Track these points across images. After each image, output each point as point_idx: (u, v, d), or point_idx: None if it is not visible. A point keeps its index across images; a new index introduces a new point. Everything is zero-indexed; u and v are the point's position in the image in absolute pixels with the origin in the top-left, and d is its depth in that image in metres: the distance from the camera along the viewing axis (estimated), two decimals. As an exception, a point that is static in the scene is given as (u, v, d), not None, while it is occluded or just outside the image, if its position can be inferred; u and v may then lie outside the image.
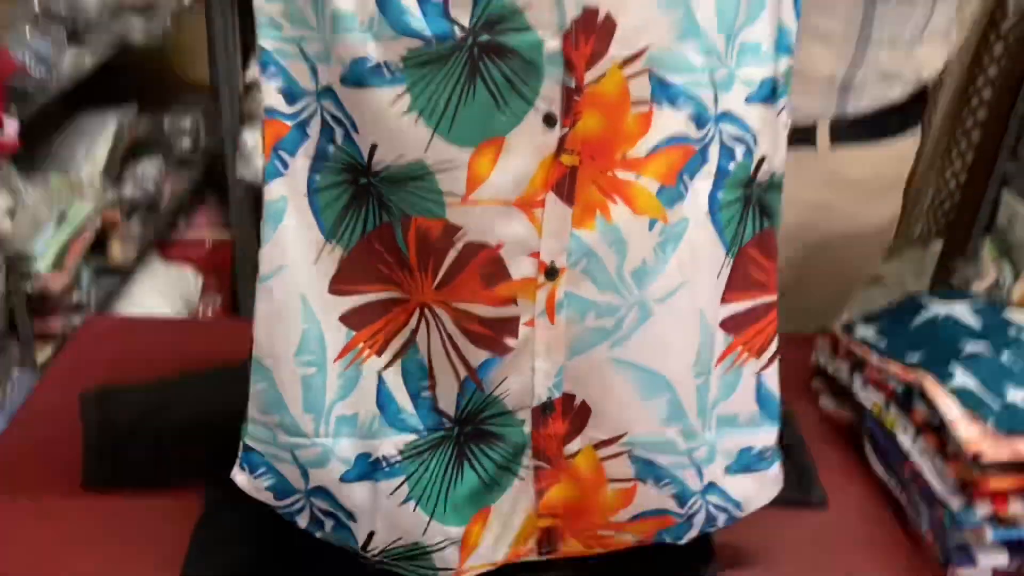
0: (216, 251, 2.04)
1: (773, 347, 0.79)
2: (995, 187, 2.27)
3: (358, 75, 0.68)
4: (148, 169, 1.63)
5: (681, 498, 0.78)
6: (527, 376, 0.76)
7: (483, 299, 0.74)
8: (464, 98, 0.69)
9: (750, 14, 0.73)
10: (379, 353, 0.76)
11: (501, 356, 0.75)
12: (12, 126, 1.11)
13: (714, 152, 0.75)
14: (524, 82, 0.69)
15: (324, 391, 0.77)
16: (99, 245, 1.54)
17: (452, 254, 0.72)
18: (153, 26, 1.54)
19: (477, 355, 0.74)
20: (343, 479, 0.78)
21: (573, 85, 0.69)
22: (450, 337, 0.75)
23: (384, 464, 0.78)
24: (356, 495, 0.78)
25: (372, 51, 0.67)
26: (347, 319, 0.76)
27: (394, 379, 0.77)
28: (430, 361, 0.76)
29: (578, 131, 0.70)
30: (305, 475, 0.79)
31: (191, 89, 2.04)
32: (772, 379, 0.80)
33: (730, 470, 0.79)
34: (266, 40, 0.70)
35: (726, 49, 0.73)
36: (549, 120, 0.70)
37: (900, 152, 1.18)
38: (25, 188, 1.24)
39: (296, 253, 0.74)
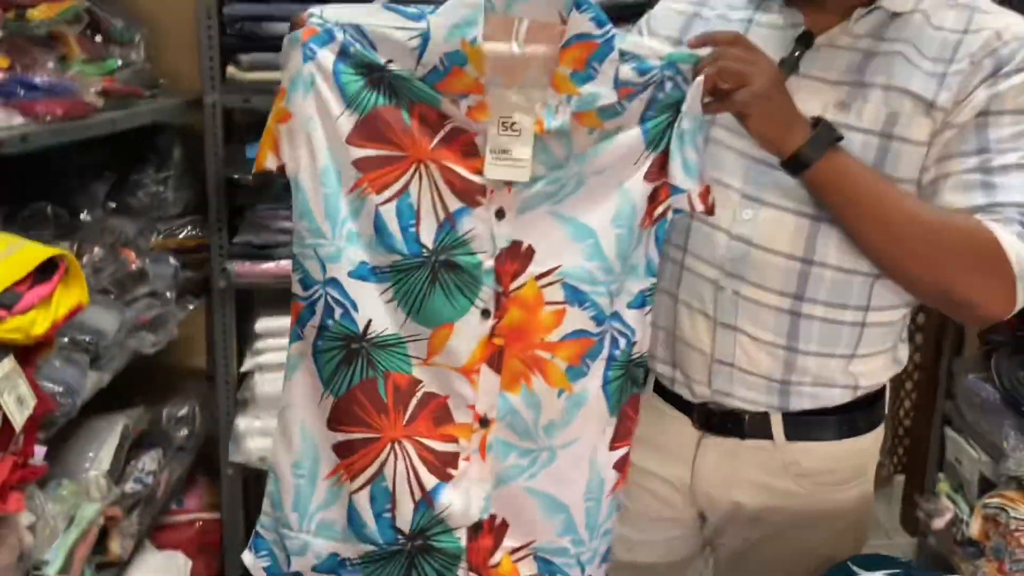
0: (205, 531, 2.08)
1: None
2: (939, 426, 2.42)
3: (362, 273, 1.03)
4: (148, 463, 1.72)
5: None
6: (465, 499, 1.05)
7: (435, 436, 1.05)
8: (428, 295, 1.03)
9: (633, 244, 1.05)
10: (352, 479, 1.05)
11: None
12: (40, 452, 1.22)
13: (607, 342, 1.06)
14: (468, 288, 1.04)
15: (311, 499, 1.07)
16: (99, 539, 1.59)
17: (415, 400, 1.04)
18: (161, 338, 1.69)
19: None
20: (315, 569, 1.08)
21: (501, 291, 1.04)
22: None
23: (348, 564, 1.08)
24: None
25: (370, 259, 1.03)
26: (337, 449, 1.06)
27: (363, 502, 1.05)
28: (394, 487, 1.04)
29: (505, 322, 1.04)
30: (288, 562, 1.09)
31: (188, 377, 2.18)
32: None
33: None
34: (296, 247, 1.05)
35: (621, 269, 1.04)
36: (485, 314, 1.04)
37: (859, 447, 1.23)
38: (44, 502, 1.32)
39: (301, 395, 1.07)
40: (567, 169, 1.02)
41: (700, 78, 0.98)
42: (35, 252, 1.06)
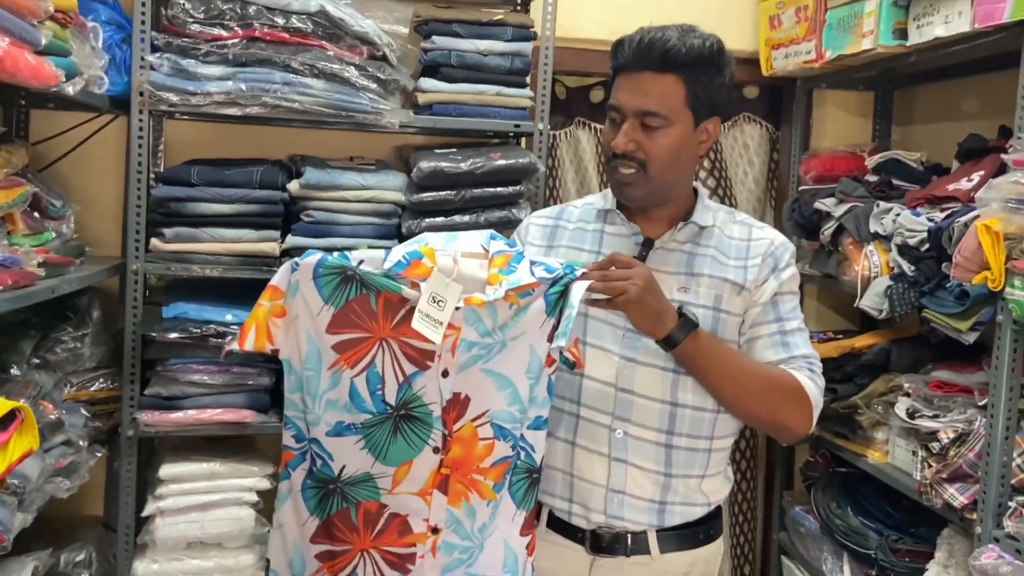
0: None
1: None
2: (776, 556, 2.74)
3: (339, 430, 1.40)
4: (49, 609, 1.80)
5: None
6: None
7: (398, 544, 1.43)
8: (392, 441, 1.40)
9: (534, 381, 1.43)
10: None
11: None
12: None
13: (517, 457, 1.44)
14: (422, 431, 1.41)
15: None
16: None
17: (382, 520, 1.42)
18: (75, 483, 1.83)
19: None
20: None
21: (447, 432, 1.41)
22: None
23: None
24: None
25: (346, 418, 1.39)
26: (319, 556, 1.43)
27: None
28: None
29: (450, 456, 1.42)
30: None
31: (82, 523, 2.26)
32: None
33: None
34: (289, 411, 1.43)
35: (530, 407, 1.44)
36: (435, 450, 1.41)
37: (710, 552, 1.61)
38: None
39: (290, 519, 1.46)
40: (494, 337, 1.40)
41: (586, 281, 1.38)
42: (-2, 404, 1.25)
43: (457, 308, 1.37)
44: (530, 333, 1.42)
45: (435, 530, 1.44)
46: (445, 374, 1.40)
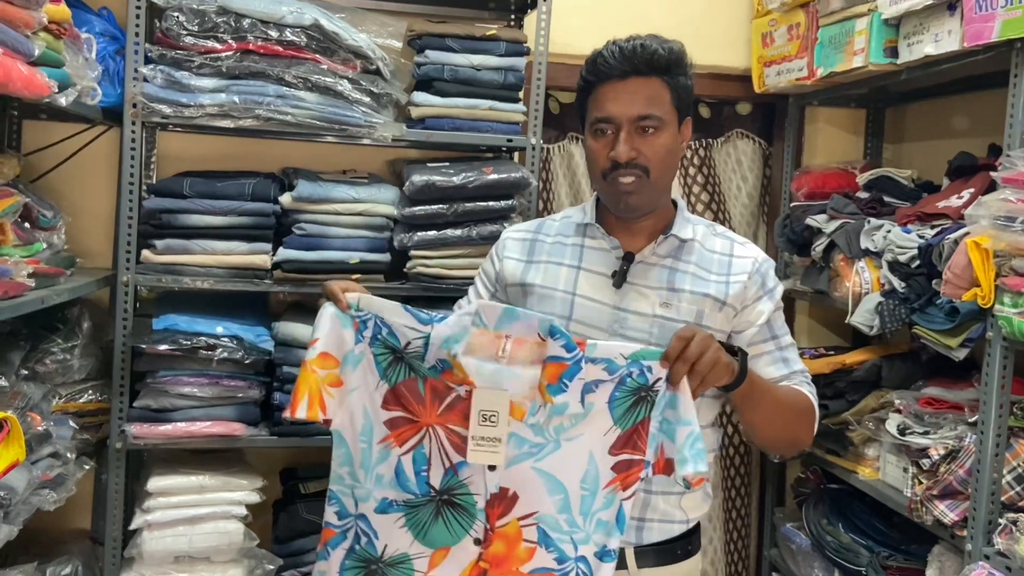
0: None
1: None
2: (767, 572, 2.74)
3: (383, 507, 1.37)
4: (34, 620, 1.78)
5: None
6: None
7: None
8: (433, 524, 1.36)
9: (604, 504, 1.35)
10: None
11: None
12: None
13: None
14: (464, 520, 1.36)
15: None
16: None
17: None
18: (61, 496, 1.81)
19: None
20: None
21: (489, 527, 1.36)
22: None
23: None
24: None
25: (390, 495, 1.36)
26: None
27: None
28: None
29: (490, 551, 1.36)
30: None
31: (68, 536, 2.24)
32: None
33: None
34: (334, 485, 1.39)
35: (584, 522, 1.36)
36: (476, 542, 1.36)
37: (689, 567, 1.59)
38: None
39: None
40: (546, 436, 1.34)
41: (686, 386, 1.30)
42: (-16, 416, 1.24)
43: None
44: (588, 437, 1.34)
45: None
46: (492, 467, 1.35)
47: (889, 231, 2.08)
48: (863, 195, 2.33)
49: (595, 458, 1.34)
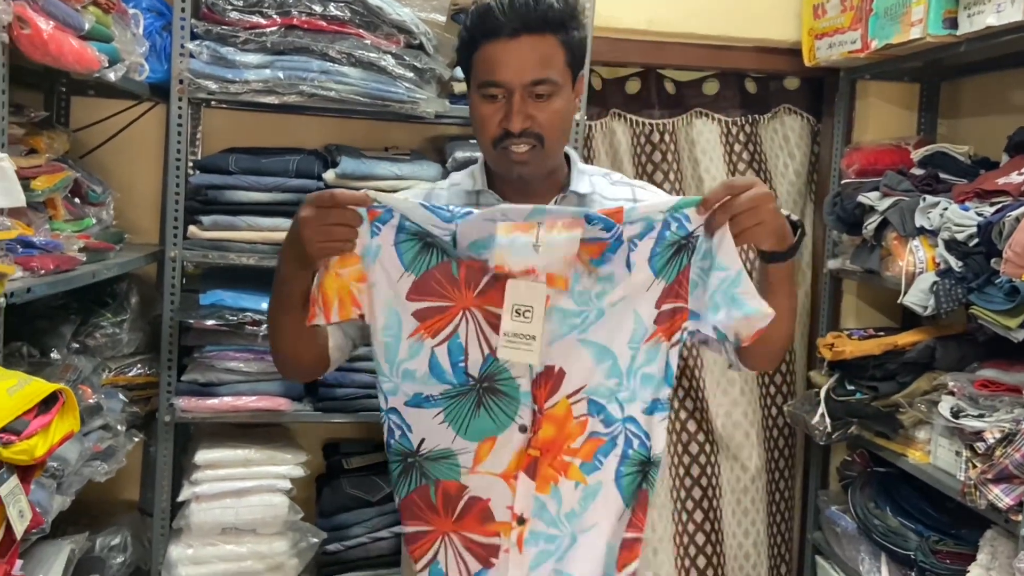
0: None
1: None
2: (810, 555, 2.70)
3: (417, 401, 1.29)
4: (86, 588, 1.82)
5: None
6: None
7: (480, 532, 1.29)
8: (474, 415, 1.27)
9: (648, 358, 1.27)
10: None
11: (488, 569, 1.28)
12: (18, 565, 1.34)
13: (620, 441, 1.28)
14: (508, 407, 1.26)
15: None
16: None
17: (462, 503, 1.29)
18: (112, 468, 1.85)
19: (475, 566, 1.29)
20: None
21: (538, 409, 1.26)
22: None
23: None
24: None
25: (425, 390, 1.28)
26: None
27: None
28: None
29: (539, 436, 1.26)
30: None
31: (117, 507, 2.29)
32: None
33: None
34: (377, 377, 1.31)
35: (631, 380, 1.27)
36: (522, 429, 1.27)
37: None
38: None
39: None
40: (589, 305, 1.24)
41: (726, 230, 1.18)
42: (40, 387, 1.26)
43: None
44: (633, 297, 1.24)
45: (520, 520, 1.28)
46: None
47: (946, 208, 2.02)
48: (917, 172, 2.26)
49: (641, 316, 1.25)
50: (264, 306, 2.04)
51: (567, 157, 1.47)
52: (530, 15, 1.30)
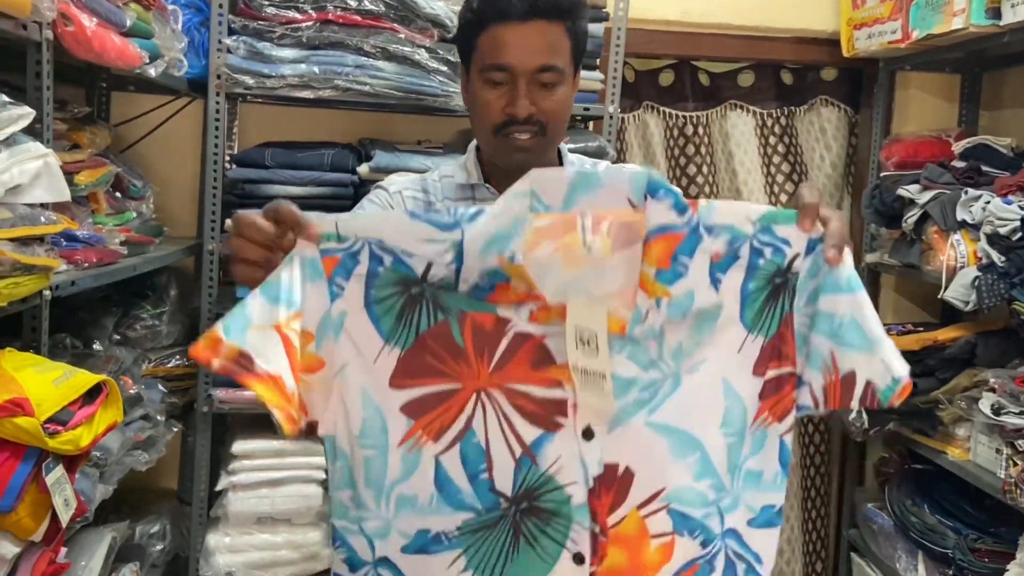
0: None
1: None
2: (846, 552, 2.68)
3: (421, 544, 0.86)
4: (127, 575, 1.86)
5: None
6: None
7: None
8: (511, 555, 0.87)
9: (754, 447, 0.89)
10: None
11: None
12: (63, 552, 1.38)
13: (720, 565, 0.89)
14: (557, 531, 0.86)
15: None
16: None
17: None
18: (152, 457, 1.88)
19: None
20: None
21: (600, 529, 0.86)
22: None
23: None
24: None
25: (432, 524, 0.86)
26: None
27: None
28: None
29: (605, 567, 0.86)
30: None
31: (156, 495, 2.33)
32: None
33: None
34: (337, 519, 0.88)
35: (732, 481, 0.88)
36: (578, 559, 0.86)
37: None
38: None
39: None
40: (660, 368, 0.86)
41: (844, 265, 0.84)
42: (85, 378, 1.29)
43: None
44: (718, 358, 0.87)
45: None
46: (588, 435, 0.86)
47: (988, 202, 1.98)
48: (959, 164, 2.22)
49: (734, 387, 0.87)
50: (299, 299, 2.07)
51: (558, 148, 1.40)
52: (541, 0, 1.24)
